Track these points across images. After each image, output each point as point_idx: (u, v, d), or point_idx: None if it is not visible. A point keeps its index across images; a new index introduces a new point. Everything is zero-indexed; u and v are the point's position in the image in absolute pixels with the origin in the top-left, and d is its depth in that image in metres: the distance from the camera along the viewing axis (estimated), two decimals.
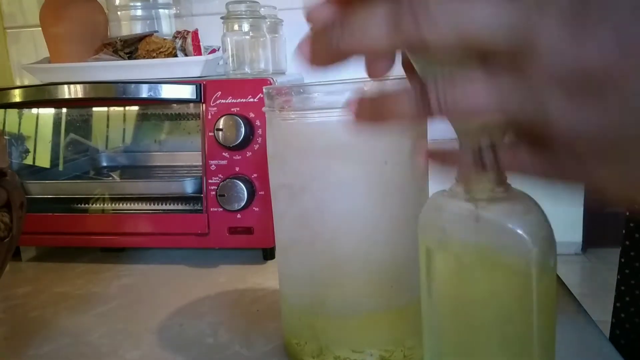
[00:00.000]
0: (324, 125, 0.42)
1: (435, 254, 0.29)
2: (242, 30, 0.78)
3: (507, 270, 0.27)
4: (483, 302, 0.28)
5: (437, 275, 0.29)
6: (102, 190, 0.76)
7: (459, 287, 0.28)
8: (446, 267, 0.29)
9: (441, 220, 0.29)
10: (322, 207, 0.42)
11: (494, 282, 0.27)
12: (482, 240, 0.27)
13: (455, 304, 0.29)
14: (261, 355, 0.49)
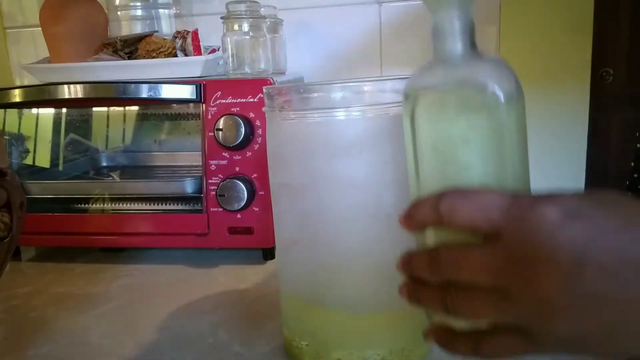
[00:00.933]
0: (324, 125, 0.42)
1: (419, 104, 0.32)
2: (242, 30, 0.78)
3: (480, 110, 0.31)
4: (461, 142, 0.31)
5: (420, 127, 0.33)
6: (102, 190, 0.76)
7: (439, 132, 0.32)
8: (428, 115, 0.32)
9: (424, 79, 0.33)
10: (322, 207, 0.42)
11: (469, 122, 0.31)
12: (458, 87, 0.31)
13: (436, 149, 0.32)
14: (261, 355, 0.49)
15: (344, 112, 0.41)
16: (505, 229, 0.28)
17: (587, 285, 0.26)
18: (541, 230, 0.27)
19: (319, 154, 0.42)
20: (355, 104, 0.41)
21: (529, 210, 0.27)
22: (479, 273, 0.28)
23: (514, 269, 0.27)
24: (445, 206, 0.29)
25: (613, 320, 0.26)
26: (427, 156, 0.33)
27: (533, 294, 0.27)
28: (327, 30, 0.94)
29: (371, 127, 0.41)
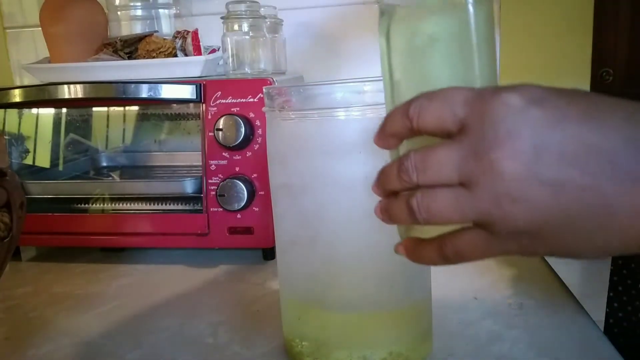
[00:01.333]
0: (324, 125, 0.42)
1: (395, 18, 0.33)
2: (242, 30, 0.78)
3: (446, 9, 0.32)
4: (430, 45, 0.32)
5: (395, 40, 0.33)
6: (102, 190, 0.76)
7: (411, 41, 0.33)
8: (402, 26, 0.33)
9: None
10: (322, 207, 0.42)
11: (437, 23, 0.32)
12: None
13: (409, 59, 0.33)
14: (261, 355, 0.49)
15: (344, 112, 0.41)
16: (468, 119, 0.27)
17: (546, 171, 0.26)
18: (501, 116, 0.26)
19: (319, 154, 0.42)
20: (355, 104, 0.41)
21: (490, 98, 0.27)
22: (443, 169, 0.28)
23: (475, 159, 0.27)
24: (413, 109, 0.29)
25: (571, 207, 0.26)
26: (401, 68, 0.33)
27: (493, 183, 0.26)
28: (327, 30, 0.94)
29: (371, 127, 0.41)
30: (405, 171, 0.29)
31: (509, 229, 0.27)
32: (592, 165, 0.25)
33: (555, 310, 0.54)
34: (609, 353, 0.46)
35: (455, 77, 0.32)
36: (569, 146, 0.26)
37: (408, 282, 0.45)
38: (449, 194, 0.28)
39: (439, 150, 0.28)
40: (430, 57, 0.33)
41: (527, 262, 0.66)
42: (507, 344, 0.48)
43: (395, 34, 0.33)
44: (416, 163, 0.29)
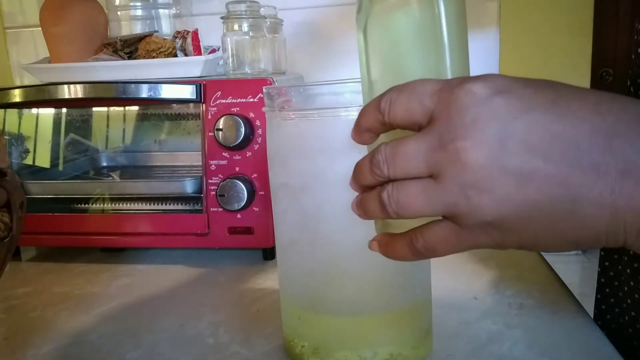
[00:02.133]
0: (324, 125, 0.42)
1: (372, 14, 0.34)
2: (242, 30, 0.78)
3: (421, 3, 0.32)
4: (403, 37, 0.33)
5: (372, 35, 0.34)
6: (102, 190, 0.76)
7: (386, 36, 0.34)
8: (379, 22, 0.34)
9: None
10: (322, 207, 0.42)
11: (408, 15, 0.33)
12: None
13: (384, 54, 0.34)
14: (261, 355, 0.49)
15: (344, 112, 0.41)
16: (435, 111, 0.27)
17: (511, 161, 0.25)
18: (466, 106, 0.26)
19: (319, 154, 0.42)
20: (355, 104, 0.41)
21: (456, 88, 0.27)
22: (412, 160, 0.28)
23: (442, 150, 0.27)
24: (384, 103, 0.29)
25: (536, 198, 0.25)
26: (377, 64, 0.34)
27: (458, 172, 0.26)
28: (327, 30, 0.94)
29: None
30: (376, 164, 0.29)
31: (476, 220, 0.27)
32: (557, 155, 0.25)
33: (555, 310, 0.54)
34: (609, 353, 0.46)
35: (428, 71, 0.32)
36: (534, 135, 0.25)
37: (408, 282, 0.45)
38: (418, 186, 0.28)
39: (408, 142, 0.28)
40: (404, 52, 0.33)
41: (527, 262, 0.66)
42: (507, 344, 0.48)
43: (371, 29, 0.34)
44: (386, 156, 0.29)
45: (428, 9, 0.32)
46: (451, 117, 0.27)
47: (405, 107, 0.28)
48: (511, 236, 0.27)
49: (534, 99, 0.26)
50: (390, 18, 0.33)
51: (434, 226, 0.29)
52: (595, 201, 0.25)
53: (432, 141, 0.27)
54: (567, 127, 0.25)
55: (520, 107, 0.26)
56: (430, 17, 0.32)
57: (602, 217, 0.25)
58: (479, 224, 0.27)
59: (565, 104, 0.26)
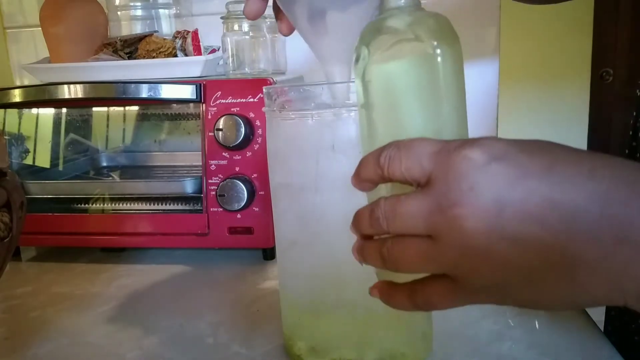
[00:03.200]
0: (324, 125, 0.42)
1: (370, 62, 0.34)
2: (242, 30, 0.78)
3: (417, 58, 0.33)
4: (401, 92, 0.34)
5: (370, 84, 0.34)
6: (102, 190, 0.76)
7: (384, 87, 0.34)
8: (376, 71, 0.34)
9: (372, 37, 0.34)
10: (322, 207, 0.42)
11: (408, 71, 0.33)
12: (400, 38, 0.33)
13: (381, 106, 0.34)
14: (261, 355, 0.49)
15: (344, 112, 0.41)
16: (434, 173, 0.28)
17: (508, 228, 0.26)
18: (464, 172, 0.27)
19: (319, 153, 0.42)
20: (355, 104, 0.41)
21: (454, 152, 0.28)
22: (410, 220, 0.28)
23: (440, 213, 0.27)
24: (384, 158, 0.30)
25: (534, 263, 0.26)
26: (375, 110, 0.34)
27: (456, 238, 0.27)
28: None
29: None
30: (376, 220, 0.30)
31: (474, 283, 0.28)
32: (553, 222, 0.25)
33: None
34: (609, 353, 0.46)
35: (426, 126, 0.33)
36: (530, 203, 0.26)
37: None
38: (416, 246, 0.29)
39: (407, 201, 0.29)
40: (402, 103, 0.34)
41: None
42: (507, 344, 0.48)
43: (369, 78, 0.34)
44: (386, 213, 0.29)
45: (426, 63, 0.33)
46: (449, 183, 0.27)
47: (404, 166, 0.29)
48: (510, 297, 0.28)
49: (530, 165, 0.26)
50: (389, 68, 0.34)
51: (434, 283, 0.30)
52: (592, 267, 0.25)
53: (430, 204, 0.28)
54: (564, 195, 0.25)
55: (516, 174, 0.26)
56: (428, 71, 0.33)
57: (600, 283, 0.26)
58: (477, 286, 0.28)
59: (561, 169, 0.26)
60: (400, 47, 0.33)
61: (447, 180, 0.27)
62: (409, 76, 0.33)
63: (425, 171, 0.28)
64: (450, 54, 0.33)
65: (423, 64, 0.33)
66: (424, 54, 0.32)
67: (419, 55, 0.33)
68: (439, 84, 0.32)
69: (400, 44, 0.33)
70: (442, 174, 0.28)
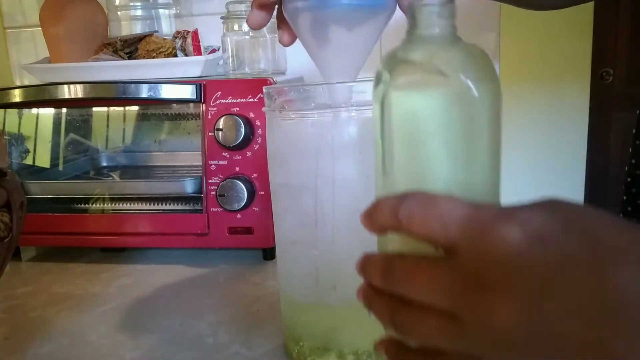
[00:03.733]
0: (324, 125, 0.42)
1: (390, 88, 0.30)
2: (242, 30, 0.78)
3: (451, 100, 0.29)
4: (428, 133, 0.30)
5: (390, 114, 0.30)
6: (102, 190, 0.76)
7: (408, 121, 0.30)
8: (399, 102, 0.30)
9: (395, 62, 0.31)
10: (322, 207, 0.42)
11: (438, 111, 0.29)
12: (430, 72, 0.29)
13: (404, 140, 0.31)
14: (261, 355, 0.49)
15: (344, 112, 0.41)
16: (462, 246, 0.25)
17: (548, 320, 0.23)
18: (500, 254, 0.24)
19: (319, 154, 0.42)
20: (355, 104, 0.41)
21: (488, 228, 0.24)
22: (431, 292, 0.26)
23: (468, 294, 0.24)
24: (404, 212, 0.27)
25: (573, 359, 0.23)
26: (394, 144, 0.31)
27: (488, 324, 0.24)
28: None
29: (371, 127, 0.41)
30: (389, 276, 0.28)
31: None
32: (595, 317, 0.23)
33: None
34: None
35: (450, 173, 0.29)
36: (572, 295, 0.23)
37: None
38: (437, 322, 0.26)
39: (429, 270, 0.26)
40: (426, 141, 0.30)
41: None
42: None
43: (389, 104, 0.30)
44: (403, 274, 0.27)
45: (456, 101, 0.28)
46: (481, 263, 0.24)
47: (427, 227, 0.26)
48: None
49: (573, 249, 0.23)
50: (412, 100, 0.30)
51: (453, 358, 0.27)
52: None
53: (457, 280, 0.25)
54: (611, 286, 0.23)
55: (559, 260, 0.23)
56: (458, 111, 0.29)
57: None
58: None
59: (609, 256, 0.23)
60: (427, 79, 0.29)
61: (478, 259, 0.24)
62: (435, 113, 0.29)
63: (452, 239, 0.25)
64: (485, 94, 0.28)
65: (452, 101, 0.29)
66: (453, 90, 0.28)
67: (447, 91, 0.29)
68: (470, 128, 0.28)
69: (427, 75, 0.29)
70: (473, 250, 0.24)
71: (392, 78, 0.30)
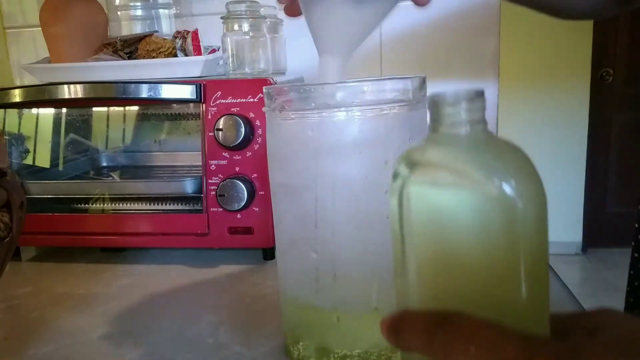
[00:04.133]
0: (324, 125, 0.42)
1: (410, 184, 0.27)
2: (242, 30, 0.78)
3: (488, 209, 0.25)
4: (459, 241, 0.25)
5: (411, 212, 0.27)
6: (102, 190, 0.76)
7: (432, 224, 0.26)
8: (420, 201, 0.26)
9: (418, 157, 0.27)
10: (323, 207, 0.42)
11: (470, 219, 0.25)
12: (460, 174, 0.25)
13: (429, 243, 0.27)
14: (261, 355, 0.49)
15: (344, 112, 0.41)
16: None
17: None
18: None
19: (319, 154, 0.42)
20: (355, 104, 0.41)
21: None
22: None
23: None
24: (441, 342, 0.24)
25: None
26: (415, 245, 0.27)
27: None
28: None
29: (371, 127, 0.41)
30: None
31: None
32: None
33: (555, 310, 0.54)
34: None
35: (485, 287, 0.25)
36: None
37: None
38: None
39: None
40: (451, 250, 0.26)
41: None
42: None
43: (409, 203, 0.27)
44: None
45: (493, 202, 0.24)
46: None
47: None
48: None
49: None
50: (437, 196, 0.26)
51: None
52: None
53: None
54: None
55: None
56: (497, 214, 0.24)
57: None
58: None
59: None
60: (453, 181, 0.25)
61: None
62: (463, 217, 0.25)
63: None
64: (527, 199, 0.24)
65: (486, 207, 0.25)
66: (487, 195, 0.24)
67: (480, 196, 0.25)
68: (508, 236, 0.25)
69: (454, 177, 0.25)
70: None
71: (413, 175, 0.27)
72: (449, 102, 0.26)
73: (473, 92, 0.26)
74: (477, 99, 0.26)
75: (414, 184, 0.27)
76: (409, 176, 0.27)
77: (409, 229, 0.27)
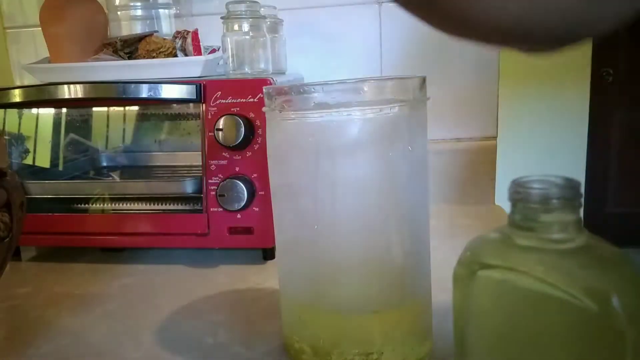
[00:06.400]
0: (324, 125, 0.42)
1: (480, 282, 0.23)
2: (242, 30, 0.78)
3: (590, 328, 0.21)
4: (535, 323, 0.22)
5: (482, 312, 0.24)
6: (102, 190, 0.76)
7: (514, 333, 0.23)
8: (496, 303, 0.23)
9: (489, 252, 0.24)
10: (323, 207, 0.42)
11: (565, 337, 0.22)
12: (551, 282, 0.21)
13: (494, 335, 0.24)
14: (261, 355, 0.49)
15: (344, 112, 0.41)
16: None
17: None
18: None
19: (319, 154, 0.42)
20: (355, 104, 0.41)
21: None
22: None
23: None
24: None
25: None
26: (483, 338, 0.25)
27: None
28: (327, 30, 0.94)
29: (371, 127, 0.41)
30: None
31: None
32: None
33: None
34: None
35: None
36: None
37: (408, 281, 0.45)
38: None
39: None
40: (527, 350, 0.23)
41: None
42: None
43: (476, 297, 0.24)
44: None
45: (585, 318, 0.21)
46: None
47: None
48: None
49: None
50: (515, 295, 0.22)
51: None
52: None
53: None
54: None
55: None
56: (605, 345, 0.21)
57: None
58: None
59: None
60: (540, 287, 0.21)
61: None
62: (546, 322, 0.22)
63: None
64: (627, 319, 0.20)
65: (574, 321, 0.21)
66: (601, 323, 0.21)
67: (592, 325, 0.21)
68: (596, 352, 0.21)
69: (544, 285, 0.21)
70: None
71: (483, 271, 0.24)
72: (537, 199, 0.22)
73: (568, 188, 0.21)
74: (573, 198, 0.22)
75: (483, 285, 0.24)
76: (478, 274, 0.24)
77: (474, 321, 0.25)
